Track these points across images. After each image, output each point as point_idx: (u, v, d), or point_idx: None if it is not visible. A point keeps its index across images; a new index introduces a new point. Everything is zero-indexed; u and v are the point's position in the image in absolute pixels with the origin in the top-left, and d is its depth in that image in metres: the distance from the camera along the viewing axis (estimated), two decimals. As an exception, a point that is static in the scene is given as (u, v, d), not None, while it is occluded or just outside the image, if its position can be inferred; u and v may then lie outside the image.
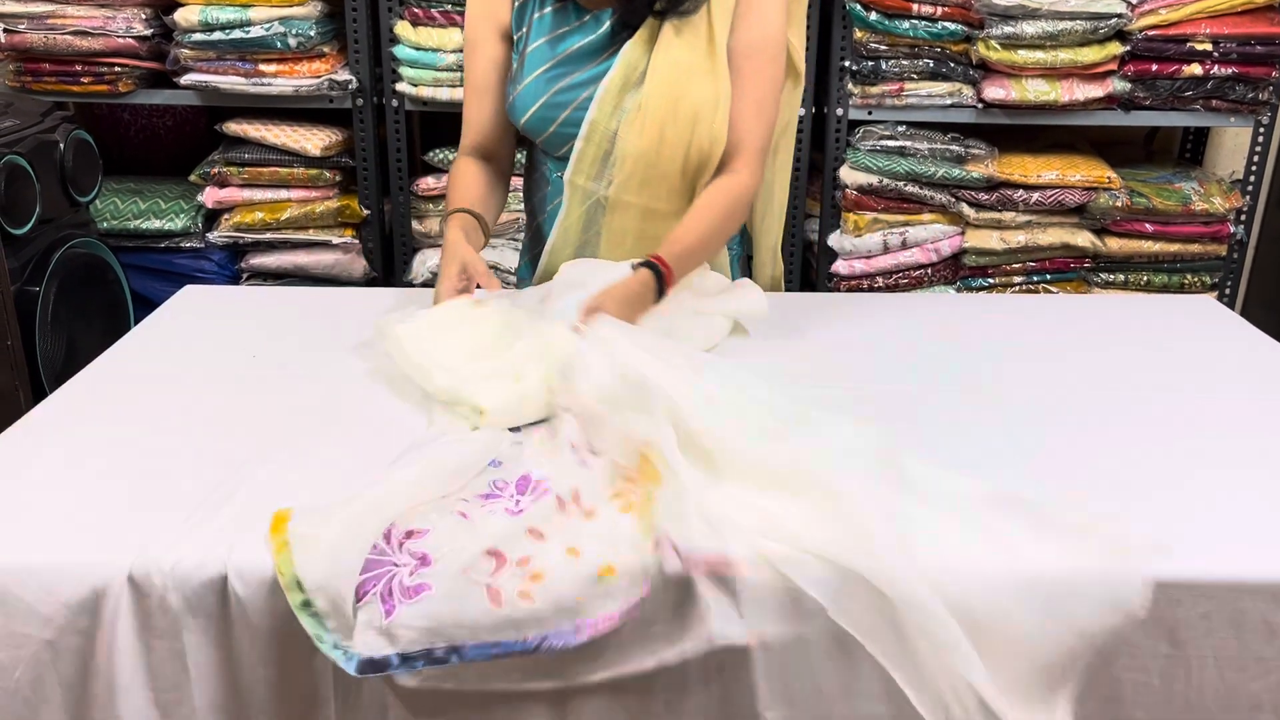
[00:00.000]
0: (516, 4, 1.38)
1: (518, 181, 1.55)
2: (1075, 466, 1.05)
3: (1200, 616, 0.89)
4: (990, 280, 2.37)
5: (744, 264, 1.56)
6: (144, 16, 2.23)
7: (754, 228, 1.56)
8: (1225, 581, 0.89)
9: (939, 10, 2.18)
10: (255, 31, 2.19)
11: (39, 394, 1.83)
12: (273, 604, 0.87)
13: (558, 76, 1.33)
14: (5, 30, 2.22)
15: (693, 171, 1.34)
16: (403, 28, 2.24)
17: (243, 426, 1.09)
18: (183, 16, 2.19)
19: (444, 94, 2.27)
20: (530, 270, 1.48)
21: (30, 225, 1.90)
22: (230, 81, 2.26)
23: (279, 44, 2.20)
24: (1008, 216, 2.30)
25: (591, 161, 1.34)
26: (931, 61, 2.23)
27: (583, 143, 1.33)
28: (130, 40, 2.23)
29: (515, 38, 1.38)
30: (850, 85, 2.27)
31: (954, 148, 2.28)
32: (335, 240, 2.39)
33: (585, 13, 1.34)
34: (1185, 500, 0.99)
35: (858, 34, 2.22)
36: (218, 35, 2.20)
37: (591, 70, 1.33)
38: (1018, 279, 2.37)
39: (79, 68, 2.26)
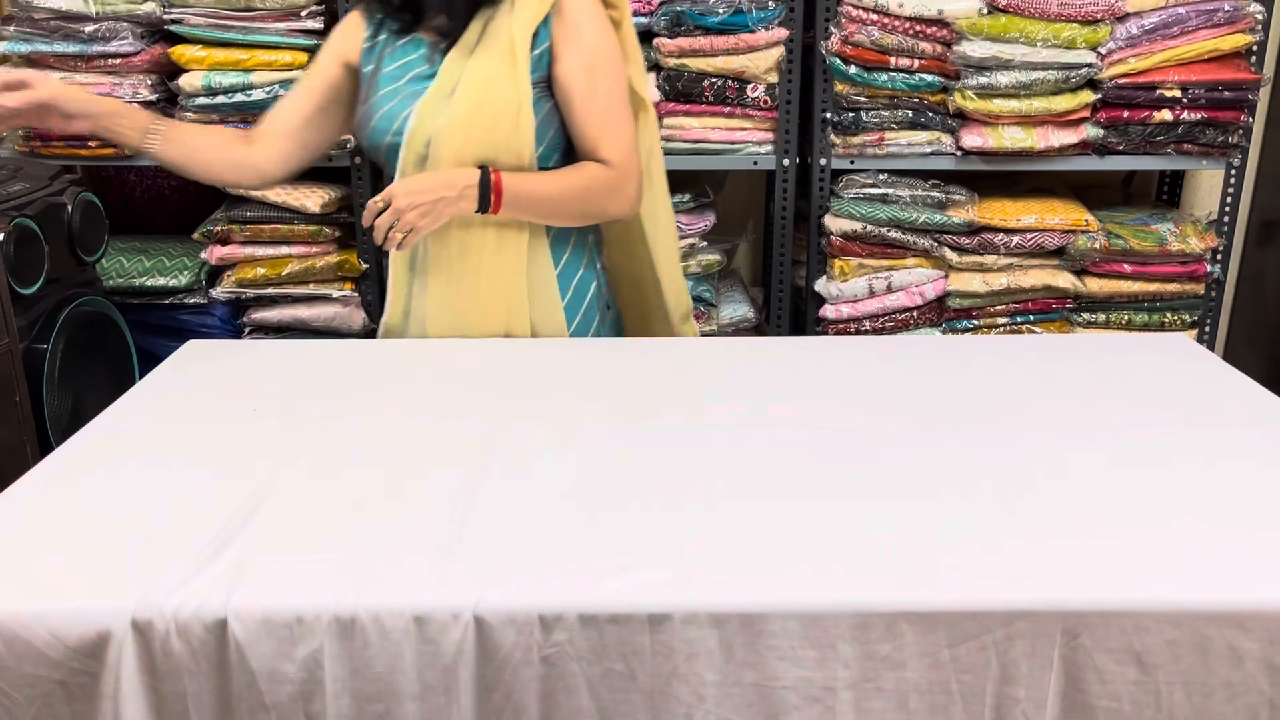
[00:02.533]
0: (366, 45, 1.54)
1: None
2: (1049, 498, 1.08)
3: (1167, 643, 0.92)
4: (975, 322, 2.42)
5: (605, 311, 1.64)
6: (149, 82, 2.31)
7: (650, 260, 1.64)
8: (1191, 610, 0.92)
9: (916, 63, 2.26)
10: (257, 94, 2.27)
11: (45, 448, 1.87)
12: (272, 646, 0.90)
13: (394, 98, 1.49)
14: (15, 98, 2.29)
15: (504, 169, 1.46)
16: (399, 89, 2.32)
17: (242, 476, 1.13)
18: (187, 82, 2.27)
19: (439, 151, 2.33)
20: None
21: (39, 285, 1.96)
22: (232, 143, 2.32)
23: (279, 106, 2.28)
24: (989, 260, 2.36)
25: (414, 167, 1.48)
26: (910, 112, 2.30)
27: (405, 150, 1.47)
28: (136, 105, 2.30)
29: (365, 71, 1.54)
30: (832, 136, 2.34)
31: (935, 194, 2.34)
32: (335, 294, 2.45)
33: (424, 44, 1.51)
34: (1153, 531, 1.02)
35: (838, 87, 2.29)
36: (220, 99, 2.28)
37: (420, 88, 1.48)
38: (1002, 320, 2.42)
39: (86, 132, 2.33)
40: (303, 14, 2.26)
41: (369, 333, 2.49)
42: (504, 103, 1.44)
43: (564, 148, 1.53)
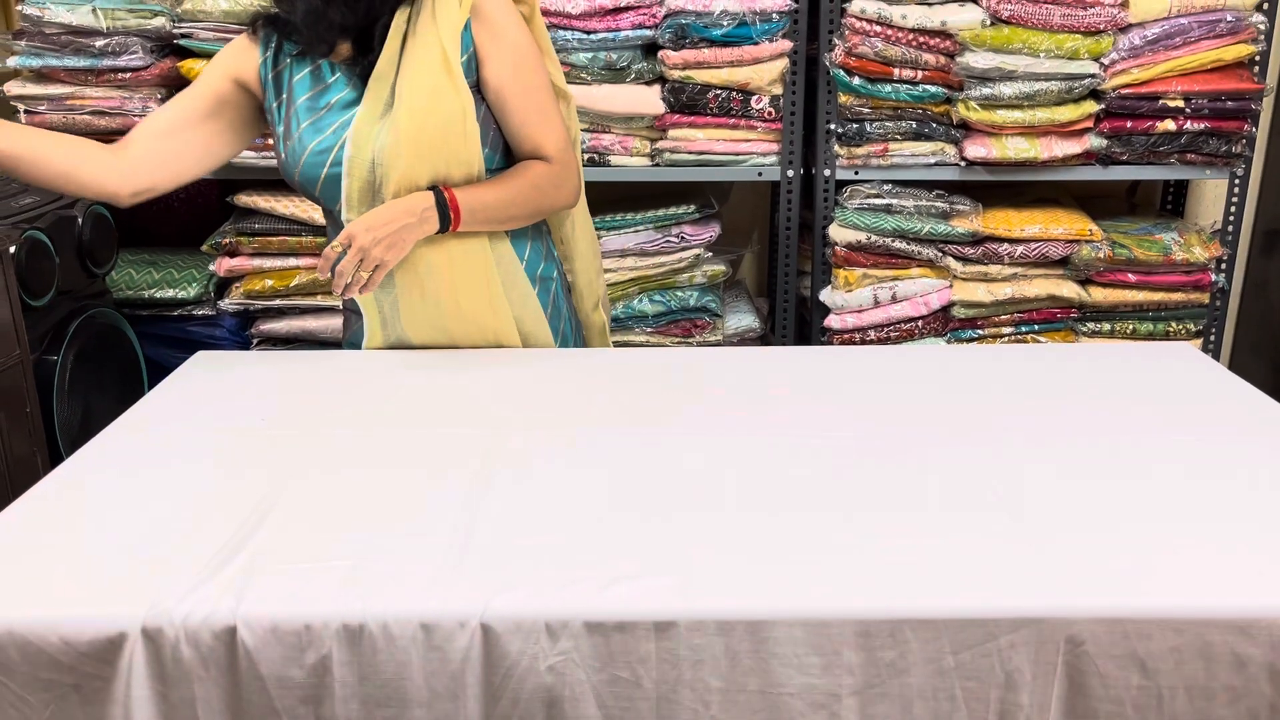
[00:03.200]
0: (272, 72, 1.50)
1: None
2: (1053, 505, 1.09)
3: (1170, 650, 0.92)
4: (979, 332, 2.43)
5: (567, 296, 1.68)
6: (159, 96, 2.33)
7: (567, 251, 1.68)
8: (1194, 617, 0.92)
9: (919, 74, 2.27)
10: (265, 108, 2.29)
11: (56, 459, 1.88)
12: (280, 653, 0.91)
13: (321, 128, 1.46)
14: (26, 111, 2.31)
15: (456, 178, 1.45)
16: (406, 101, 2.34)
17: (251, 485, 1.14)
18: (196, 95, 2.29)
19: (446, 163, 2.35)
20: (361, 334, 1.59)
21: (49, 297, 1.97)
22: (241, 155, 2.34)
23: (288, 119, 2.30)
24: (994, 270, 2.36)
25: (360, 194, 1.45)
26: (914, 123, 2.31)
27: (347, 179, 1.45)
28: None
29: (276, 104, 1.50)
30: (836, 147, 2.35)
31: (939, 204, 2.35)
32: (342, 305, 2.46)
33: (337, 69, 1.48)
34: (1156, 539, 1.03)
35: (842, 98, 2.31)
36: (229, 112, 2.29)
37: (349, 115, 1.45)
38: (1006, 330, 2.42)
39: (97, 146, 2.35)
40: (311, 28, 2.28)
41: (376, 344, 2.50)
42: (449, 113, 1.43)
43: (503, 147, 1.53)
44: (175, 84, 2.34)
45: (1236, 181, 2.39)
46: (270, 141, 2.31)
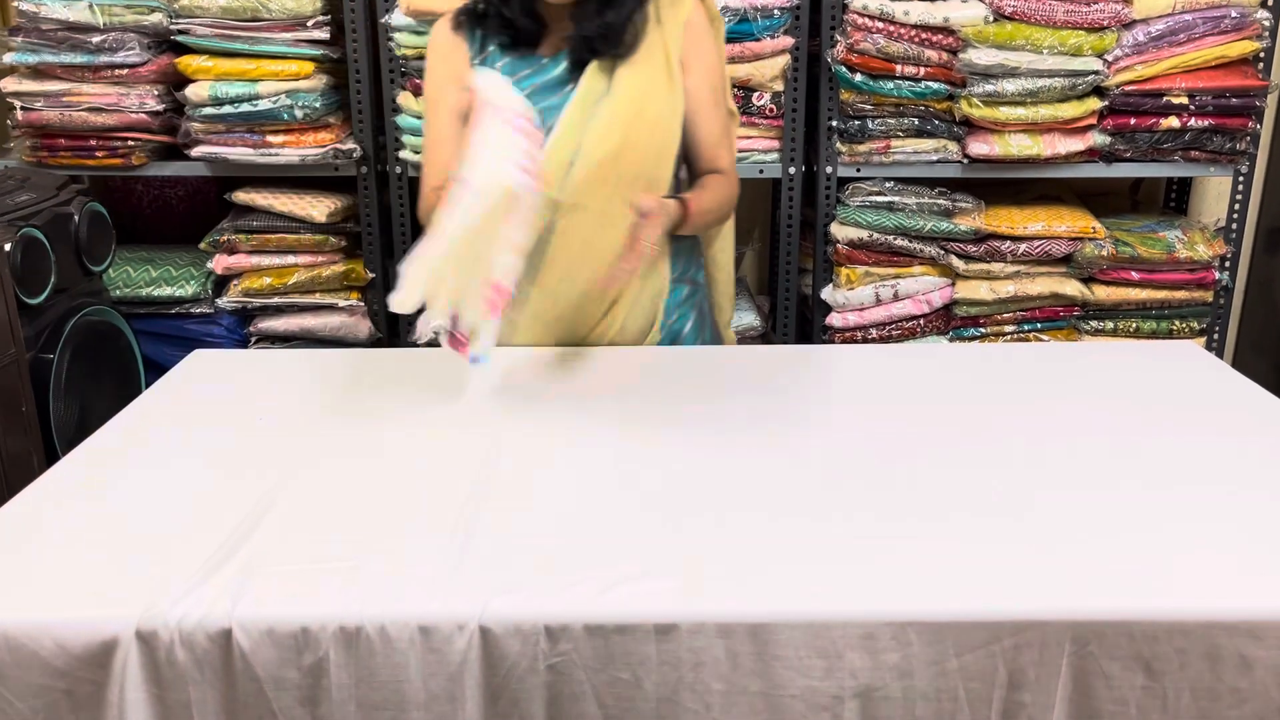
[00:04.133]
0: (474, 61, 1.50)
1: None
2: (1057, 506, 1.08)
3: (1176, 651, 0.91)
4: (982, 330, 2.41)
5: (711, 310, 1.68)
6: (156, 93, 2.32)
7: (713, 267, 1.68)
8: (1201, 620, 0.91)
9: (922, 70, 2.25)
10: (263, 104, 2.28)
11: (52, 458, 1.87)
12: (276, 655, 0.90)
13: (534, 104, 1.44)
14: (23, 108, 2.30)
15: (647, 176, 1.47)
16: (404, 98, 2.33)
17: (247, 486, 1.13)
18: (193, 92, 2.28)
19: (445, 160, 2.34)
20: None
21: (45, 295, 1.96)
22: (239, 153, 2.34)
23: (286, 116, 2.28)
24: (996, 267, 2.35)
25: (554, 171, 1.43)
26: (916, 119, 2.30)
27: (544, 156, 1.41)
28: (143, 116, 2.31)
29: None
30: (838, 144, 2.33)
31: (941, 202, 2.34)
32: (341, 303, 2.45)
33: (539, 57, 1.49)
34: (1163, 541, 1.02)
35: (844, 95, 2.29)
36: (227, 109, 2.28)
37: (552, 101, 1.46)
38: (1009, 328, 2.41)
39: (93, 142, 2.34)
40: (309, 24, 2.27)
41: (375, 342, 2.49)
42: (660, 114, 1.47)
43: (681, 156, 1.54)
44: (172, 80, 2.33)
45: (1240, 179, 2.37)
46: (274, 140, 2.32)
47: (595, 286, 1.44)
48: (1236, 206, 2.41)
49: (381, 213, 2.45)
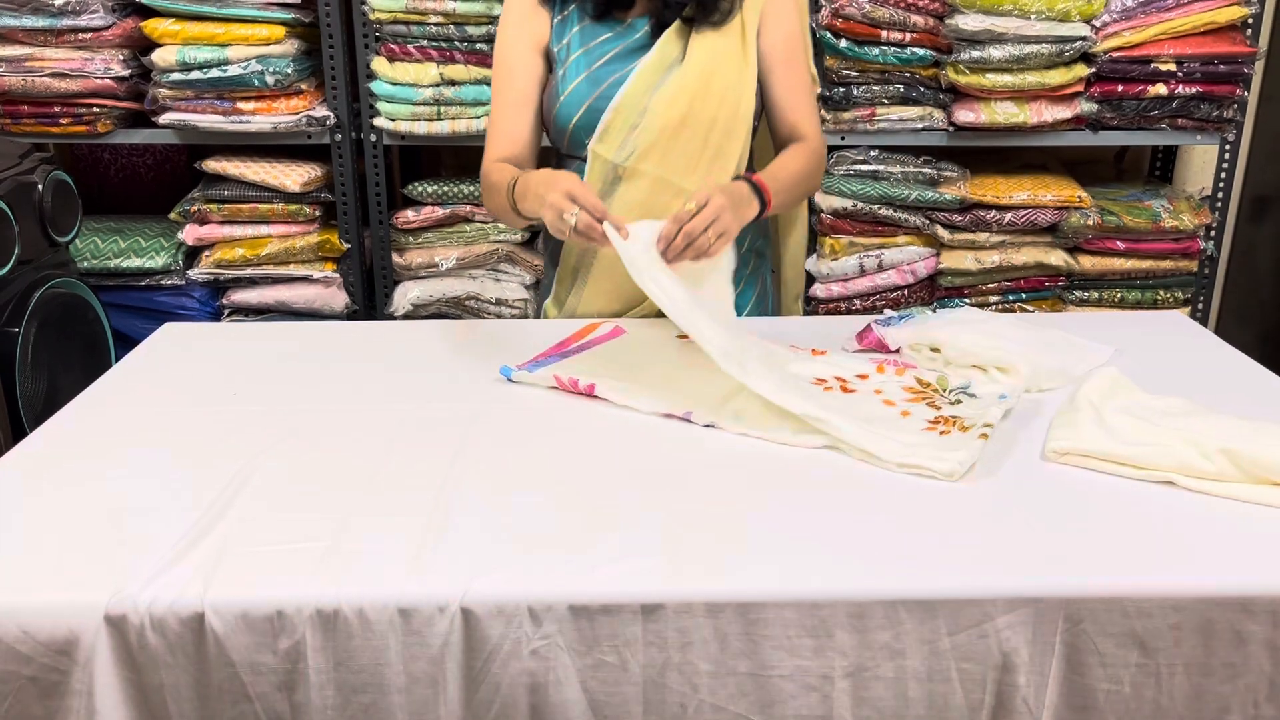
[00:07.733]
0: (554, 21, 1.48)
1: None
2: (1048, 482, 1.06)
3: (1170, 627, 0.90)
4: (967, 300, 2.40)
5: (774, 280, 1.66)
6: (121, 58, 2.25)
7: (782, 241, 1.67)
8: (1195, 595, 0.90)
9: (908, 36, 2.22)
10: (233, 70, 2.21)
11: (19, 434, 1.83)
12: (251, 639, 0.87)
13: (601, 78, 1.44)
14: (-16, 74, 2.23)
15: (713, 148, 1.44)
16: (379, 64, 2.27)
17: (220, 464, 1.10)
18: (160, 57, 2.21)
19: (420, 128, 2.29)
20: (549, 291, 1.58)
21: (9, 266, 1.91)
22: (209, 120, 2.27)
23: (257, 82, 2.22)
24: (981, 237, 2.33)
25: (617, 131, 1.42)
26: (902, 86, 2.27)
27: (611, 114, 1.42)
28: (108, 81, 2.25)
29: (556, 50, 1.48)
30: (823, 111, 2.30)
31: (926, 170, 2.31)
32: (316, 275, 2.40)
33: (618, 22, 1.47)
34: (1156, 514, 1.01)
35: (829, 61, 2.25)
36: (195, 75, 2.22)
37: (628, 66, 1.44)
38: (994, 298, 2.40)
39: (58, 109, 2.27)
40: (280, -14, 2.20)
41: (351, 314, 2.45)
42: (728, 86, 1.44)
43: (757, 116, 1.51)
44: (138, 44, 2.26)
45: (1227, 147, 2.36)
46: (245, 107, 2.25)
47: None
48: (1223, 175, 2.39)
49: (357, 182, 2.39)
